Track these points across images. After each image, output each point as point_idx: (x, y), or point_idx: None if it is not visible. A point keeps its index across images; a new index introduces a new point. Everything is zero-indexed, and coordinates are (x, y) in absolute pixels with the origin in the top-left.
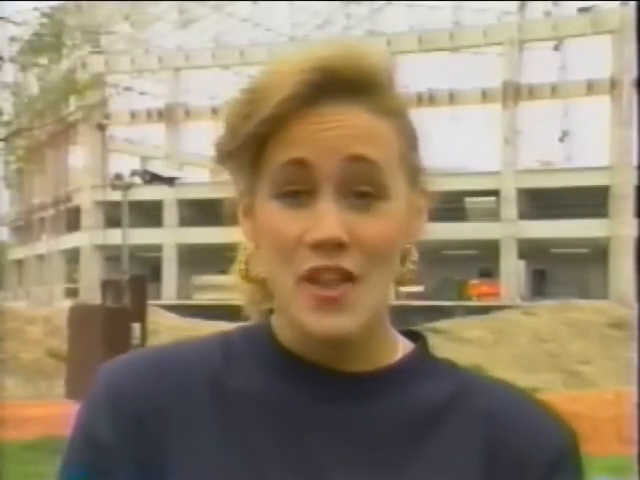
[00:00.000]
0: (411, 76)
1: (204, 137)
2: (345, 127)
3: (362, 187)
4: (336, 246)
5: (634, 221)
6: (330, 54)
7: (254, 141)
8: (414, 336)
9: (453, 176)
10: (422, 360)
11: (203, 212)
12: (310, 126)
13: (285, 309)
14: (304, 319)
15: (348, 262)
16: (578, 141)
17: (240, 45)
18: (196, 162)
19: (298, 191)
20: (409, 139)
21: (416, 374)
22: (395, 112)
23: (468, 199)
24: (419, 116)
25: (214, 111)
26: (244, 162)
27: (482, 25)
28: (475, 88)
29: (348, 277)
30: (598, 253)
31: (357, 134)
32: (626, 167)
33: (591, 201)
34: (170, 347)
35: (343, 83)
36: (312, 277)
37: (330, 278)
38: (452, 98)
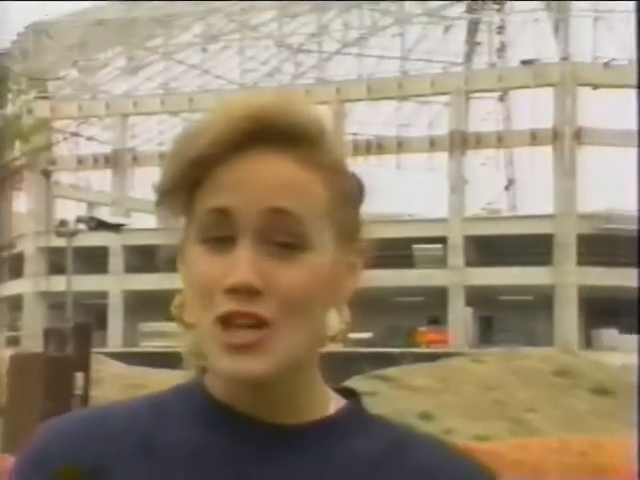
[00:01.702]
0: (360, 124)
1: (152, 183)
2: (269, 178)
3: (281, 237)
4: (249, 292)
5: (577, 269)
6: (264, 103)
7: (184, 184)
8: (348, 393)
9: (401, 223)
10: (355, 415)
11: (150, 258)
12: (236, 173)
13: (206, 353)
14: (218, 362)
15: (261, 308)
16: (523, 189)
17: (189, 92)
18: (143, 208)
19: (221, 237)
20: (340, 195)
21: (349, 428)
22: (326, 166)
23: (416, 246)
24: (367, 164)
25: (162, 157)
26: (178, 205)
27: (429, 75)
28: (423, 136)
29: (261, 323)
30: (543, 301)
31: (280, 185)
32: (569, 216)
33: (536, 249)
34: (101, 409)
35: (274, 132)
36: (225, 321)
37: (243, 323)
38: (400, 146)
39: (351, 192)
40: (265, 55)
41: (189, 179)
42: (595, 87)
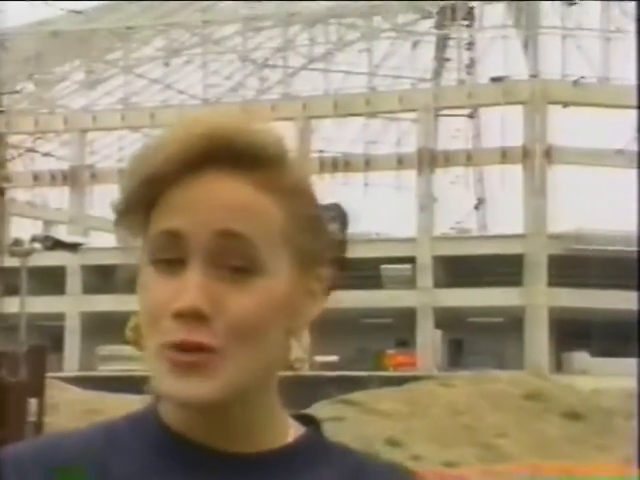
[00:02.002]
0: (326, 140)
1: (111, 202)
2: (221, 199)
3: (233, 261)
4: (197, 317)
5: (548, 290)
6: (223, 123)
7: (140, 203)
8: (308, 420)
9: (368, 243)
10: (315, 443)
11: (109, 278)
12: (189, 194)
13: (153, 377)
14: (163, 384)
15: (208, 336)
16: (493, 209)
17: (150, 107)
18: (102, 227)
19: (172, 259)
20: (299, 219)
21: (309, 457)
22: (284, 189)
23: (384, 266)
24: (333, 182)
25: (122, 174)
26: (136, 225)
27: (397, 91)
28: (391, 154)
29: (208, 349)
30: (513, 322)
31: (232, 207)
32: (539, 236)
33: (506, 269)
34: (55, 437)
35: (230, 154)
36: (171, 347)
37: (189, 349)
38: (367, 163)
39: (313, 216)
40: (229, 70)
41: (145, 198)
42: (565, 105)
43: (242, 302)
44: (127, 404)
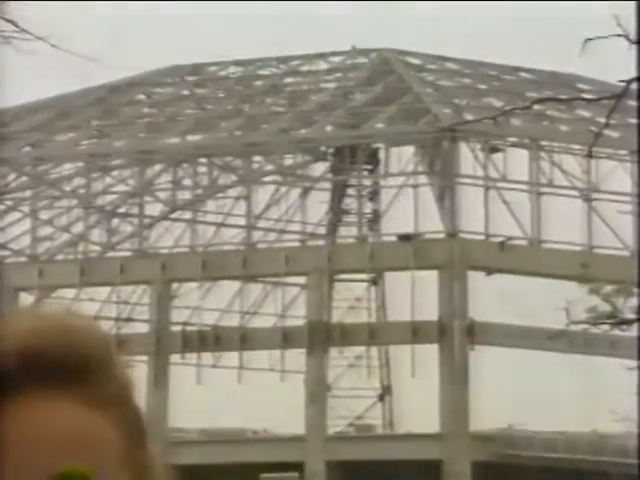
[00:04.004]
0: (191, 310)
1: None
2: (52, 431)
3: None
4: None
5: None
6: (33, 332)
7: None
8: None
9: (243, 444)
10: None
11: None
12: (8, 431)
13: None
14: None
15: None
16: (402, 400)
17: None
18: None
19: None
20: (133, 432)
21: None
22: (116, 401)
23: (264, 475)
24: (200, 363)
25: None
26: None
27: (283, 249)
28: (273, 328)
29: None
30: None
31: (68, 440)
32: (461, 436)
33: (420, 479)
34: None
35: (49, 370)
36: None
37: None
38: (244, 340)
39: (143, 428)
40: (67, 219)
41: None
42: (489, 272)
43: None
44: None
